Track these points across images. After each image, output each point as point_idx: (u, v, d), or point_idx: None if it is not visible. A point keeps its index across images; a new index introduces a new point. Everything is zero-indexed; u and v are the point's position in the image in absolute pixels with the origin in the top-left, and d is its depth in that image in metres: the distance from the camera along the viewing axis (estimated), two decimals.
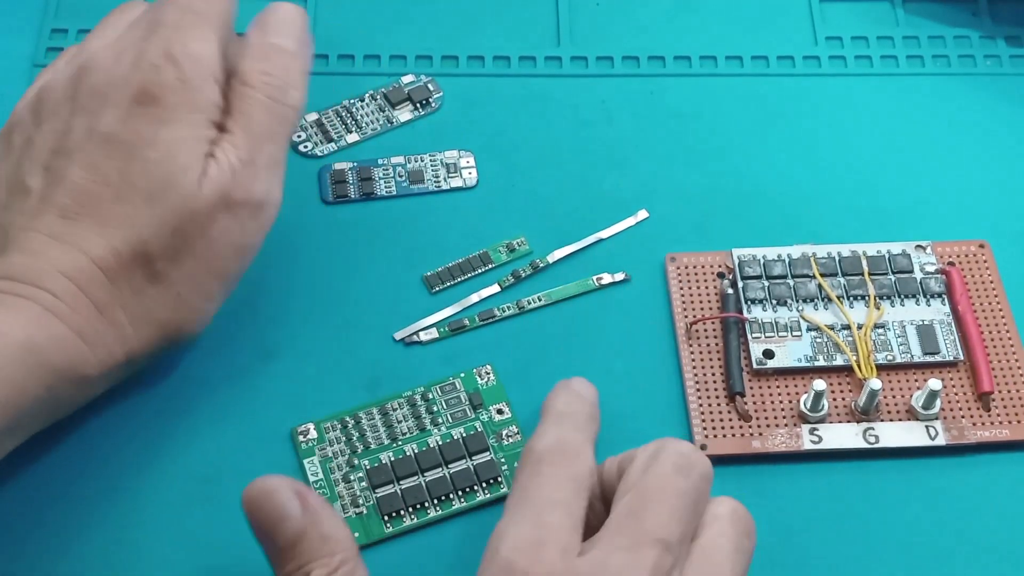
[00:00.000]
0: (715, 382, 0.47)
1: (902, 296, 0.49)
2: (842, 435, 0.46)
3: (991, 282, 0.49)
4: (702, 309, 0.49)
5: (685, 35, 0.57)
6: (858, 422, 0.46)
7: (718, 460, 0.45)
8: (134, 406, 0.46)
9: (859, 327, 0.48)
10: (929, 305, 0.48)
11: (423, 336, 0.48)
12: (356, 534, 0.43)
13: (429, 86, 0.54)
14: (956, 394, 0.47)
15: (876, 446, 0.45)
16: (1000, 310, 0.49)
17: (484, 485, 0.44)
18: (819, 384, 0.45)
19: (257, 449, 0.45)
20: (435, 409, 0.46)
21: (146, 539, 0.43)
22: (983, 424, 0.46)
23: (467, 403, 0.46)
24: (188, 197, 0.42)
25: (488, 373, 0.47)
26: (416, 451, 0.45)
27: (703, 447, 0.45)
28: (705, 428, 0.46)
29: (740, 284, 0.49)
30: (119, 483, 0.44)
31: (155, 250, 0.42)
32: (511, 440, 0.45)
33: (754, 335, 0.48)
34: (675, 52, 0.56)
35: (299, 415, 0.46)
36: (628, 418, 0.46)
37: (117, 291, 0.41)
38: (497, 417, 0.46)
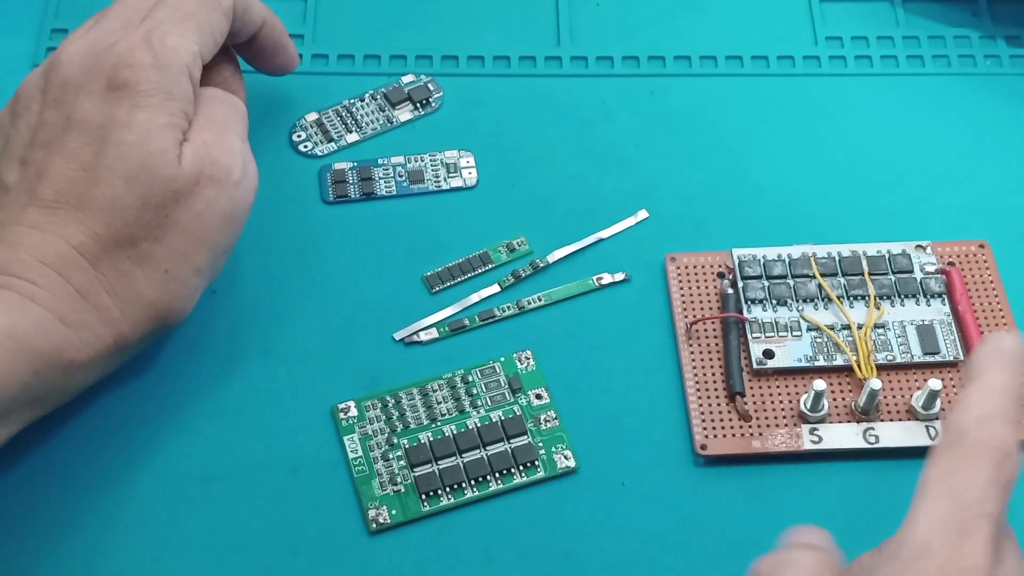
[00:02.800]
0: (715, 382, 0.47)
1: (902, 296, 0.49)
2: (842, 435, 0.46)
3: (991, 282, 0.49)
4: (702, 309, 0.49)
5: (685, 35, 0.57)
6: (858, 422, 0.46)
7: (718, 460, 0.45)
8: (134, 406, 0.46)
9: (859, 327, 0.48)
10: (929, 305, 0.48)
11: (423, 336, 0.48)
12: (393, 511, 0.43)
13: (429, 86, 0.54)
14: (956, 394, 0.47)
15: (876, 446, 0.45)
16: (1000, 310, 0.49)
17: (521, 468, 0.45)
18: (819, 384, 0.45)
19: (256, 449, 0.45)
20: (474, 392, 0.46)
21: (146, 539, 0.43)
22: None
23: (506, 387, 0.46)
24: (169, 177, 0.42)
25: (528, 358, 0.47)
26: (455, 432, 0.45)
27: (703, 447, 0.45)
28: (705, 428, 0.46)
29: (740, 284, 0.49)
30: (118, 483, 0.44)
31: (137, 231, 0.42)
32: (549, 425, 0.45)
33: (754, 335, 0.48)
34: (675, 52, 0.56)
35: (299, 415, 0.46)
36: (628, 418, 0.46)
37: (100, 275, 0.42)
38: (536, 402, 0.46)
